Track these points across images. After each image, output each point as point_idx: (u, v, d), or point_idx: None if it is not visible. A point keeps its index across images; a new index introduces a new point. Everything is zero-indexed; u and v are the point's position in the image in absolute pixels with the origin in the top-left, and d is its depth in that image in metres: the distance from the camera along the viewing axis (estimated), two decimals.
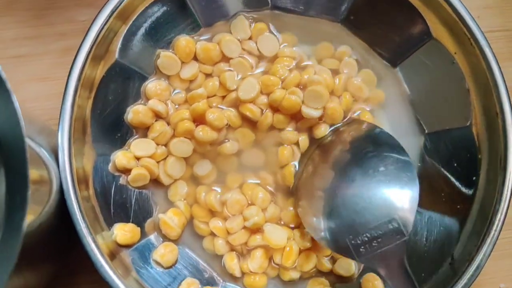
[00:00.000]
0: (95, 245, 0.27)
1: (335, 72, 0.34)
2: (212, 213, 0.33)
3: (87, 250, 0.27)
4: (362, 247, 0.28)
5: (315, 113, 0.32)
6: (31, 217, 0.26)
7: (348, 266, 0.32)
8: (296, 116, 0.33)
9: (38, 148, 0.28)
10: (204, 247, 0.33)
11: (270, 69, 0.33)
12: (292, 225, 0.33)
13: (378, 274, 0.32)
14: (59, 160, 0.28)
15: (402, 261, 0.28)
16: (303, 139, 0.33)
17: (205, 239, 0.33)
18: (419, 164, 0.34)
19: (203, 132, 0.32)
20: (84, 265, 0.32)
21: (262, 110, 0.33)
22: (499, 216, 0.30)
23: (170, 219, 0.32)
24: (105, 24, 0.30)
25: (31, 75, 0.36)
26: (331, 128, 0.33)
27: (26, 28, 0.36)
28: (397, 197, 0.29)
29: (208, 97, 0.33)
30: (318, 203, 0.30)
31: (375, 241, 0.28)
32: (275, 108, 0.33)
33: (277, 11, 0.34)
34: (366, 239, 0.28)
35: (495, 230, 0.29)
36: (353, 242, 0.28)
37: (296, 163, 0.33)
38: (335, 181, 0.31)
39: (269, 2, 0.34)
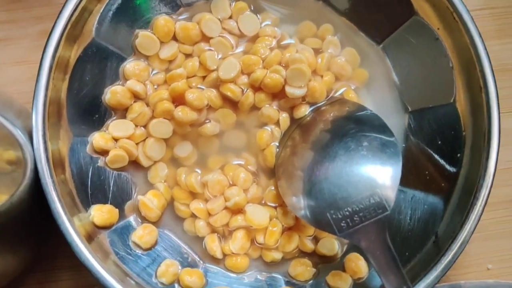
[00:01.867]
0: (71, 226, 0.27)
1: (317, 51, 0.34)
2: (193, 194, 0.32)
3: (62, 230, 0.27)
4: (343, 221, 0.28)
5: (299, 92, 0.32)
6: (4, 197, 0.26)
7: (331, 246, 0.32)
8: (278, 95, 0.33)
9: (15, 130, 0.28)
10: (184, 229, 0.32)
11: (251, 49, 0.33)
12: (275, 204, 0.32)
13: (361, 252, 0.32)
14: (33, 140, 0.28)
15: (384, 236, 0.27)
16: (284, 117, 0.33)
17: (185, 221, 0.32)
18: (403, 145, 0.34)
19: (182, 113, 0.31)
20: (63, 249, 0.32)
21: (243, 90, 0.32)
22: (484, 192, 0.29)
23: (150, 200, 0.31)
24: (79, 3, 0.29)
25: (8, 59, 0.35)
26: (312, 108, 0.33)
27: (3, 12, 0.36)
28: (379, 172, 0.29)
29: (188, 77, 0.32)
30: (299, 180, 0.30)
31: (356, 216, 0.28)
32: (256, 88, 0.32)
33: None
34: (347, 213, 0.28)
35: (480, 205, 0.29)
36: (334, 216, 0.28)
37: (277, 144, 0.33)
38: (317, 158, 0.30)
39: None
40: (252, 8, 0.34)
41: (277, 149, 0.32)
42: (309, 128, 0.32)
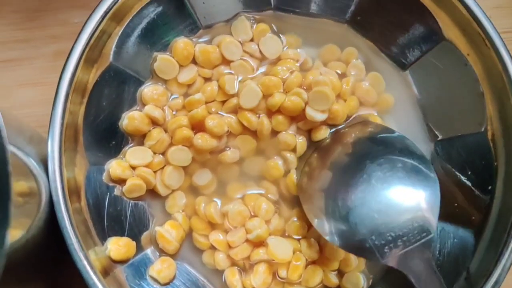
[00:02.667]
0: (87, 261, 0.26)
1: (341, 75, 0.33)
2: (212, 225, 0.31)
3: (78, 266, 0.26)
4: (386, 247, 0.26)
5: (320, 116, 0.30)
6: (19, 232, 0.25)
7: (357, 280, 0.31)
8: (296, 118, 0.32)
9: (27, 158, 0.27)
10: (203, 262, 0.31)
11: (271, 71, 0.32)
12: (298, 236, 0.31)
13: (388, 286, 0.30)
14: (49, 169, 0.26)
15: (429, 260, 0.26)
16: (301, 142, 0.31)
17: (204, 253, 0.31)
18: None
19: (202, 140, 0.30)
20: (76, 282, 0.31)
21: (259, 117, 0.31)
22: None
23: (168, 232, 0.30)
24: (98, 26, 0.28)
25: (21, 80, 0.34)
26: (332, 130, 0.32)
27: (16, 31, 0.35)
28: (418, 194, 0.27)
29: (206, 102, 0.31)
30: (331, 205, 0.29)
31: (399, 240, 0.26)
32: (273, 112, 0.31)
33: (280, 12, 0.33)
34: (390, 238, 0.26)
35: None
36: (376, 242, 0.26)
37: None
38: (349, 181, 0.29)
39: (272, 2, 0.33)
40: (275, 29, 0.33)
41: (296, 175, 0.31)
42: (331, 151, 0.31)
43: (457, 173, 0.31)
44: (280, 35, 0.33)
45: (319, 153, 0.31)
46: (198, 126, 0.31)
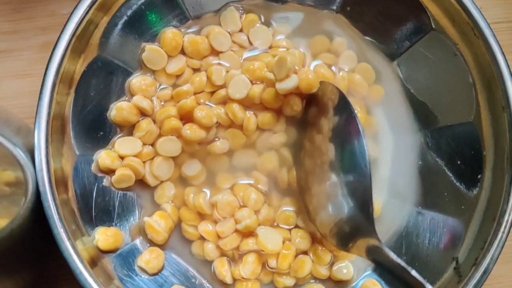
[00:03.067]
0: (74, 251, 0.25)
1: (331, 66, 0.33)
2: (201, 216, 0.31)
3: (65, 256, 0.25)
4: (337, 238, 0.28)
5: (287, 84, 0.29)
6: (5, 221, 0.25)
7: (347, 270, 0.31)
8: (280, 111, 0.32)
9: (14, 148, 0.27)
10: (192, 252, 0.31)
11: (256, 58, 0.32)
12: (288, 226, 0.31)
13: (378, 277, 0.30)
14: (35, 160, 0.26)
15: (379, 248, 0.26)
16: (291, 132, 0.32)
17: (194, 244, 0.31)
18: (420, 162, 0.33)
19: (190, 131, 0.30)
20: (64, 273, 0.31)
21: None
22: (507, 217, 0.28)
23: (156, 222, 0.30)
24: (85, 16, 0.28)
25: (10, 71, 0.34)
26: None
27: (4, 23, 0.35)
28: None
29: (195, 93, 0.31)
30: (319, 198, 0.29)
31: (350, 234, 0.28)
32: (259, 106, 0.31)
33: (269, 1, 0.33)
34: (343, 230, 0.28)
35: (503, 232, 0.28)
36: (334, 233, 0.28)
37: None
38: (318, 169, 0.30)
39: None
40: (263, 20, 0.33)
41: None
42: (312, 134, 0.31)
43: (447, 163, 0.32)
44: (270, 24, 0.33)
45: (306, 140, 0.31)
46: (186, 117, 0.31)
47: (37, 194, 0.26)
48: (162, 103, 0.31)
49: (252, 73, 0.31)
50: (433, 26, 0.31)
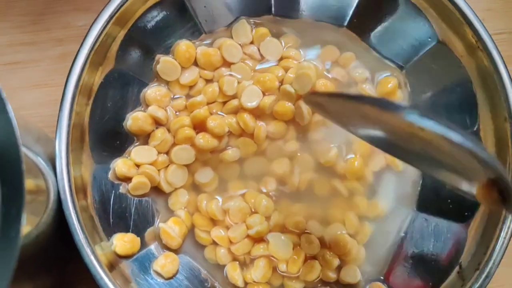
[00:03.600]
0: (94, 256, 0.27)
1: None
2: (214, 222, 0.32)
3: (85, 261, 0.26)
4: None
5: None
6: (28, 228, 0.26)
7: (354, 274, 0.32)
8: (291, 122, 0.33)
9: (35, 156, 0.28)
10: (206, 257, 0.32)
11: (267, 70, 0.33)
12: (297, 231, 0.32)
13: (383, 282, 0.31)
14: (56, 168, 0.27)
15: None
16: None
17: (206, 249, 0.32)
18: None
19: (203, 140, 0.31)
20: (82, 277, 0.32)
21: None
22: (509, 223, 0.29)
23: (171, 228, 0.31)
24: (103, 30, 0.29)
25: (27, 82, 0.35)
26: None
27: (22, 34, 0.36)
28: None
29: (208, 103, 0.32)
30: None
31: None
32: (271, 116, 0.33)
33: (279, 18, 0.34)
34: None
35: (505, 238, 0.29)
36: None
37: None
38: None
39: (272, 9, 0.33)
40: (274, 32, 0.34)
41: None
42: None
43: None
44: (280, 36, 0.34)
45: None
46: (200, 126, 0.32)
47: (58, 202, 0.27)
48: (176, 113, 0.32)
49: (264, 85, 0.32)
50: (439, 39, 0.32)
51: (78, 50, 0.29)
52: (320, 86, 0.32)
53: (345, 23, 0.34)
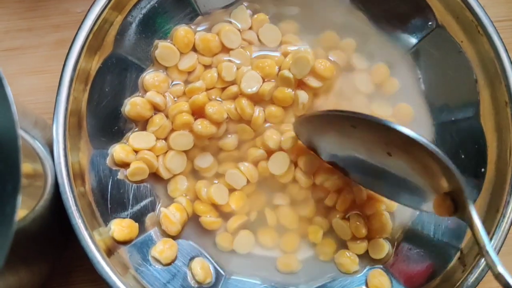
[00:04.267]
0: (92, 241, 0.26)
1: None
2: (216, 207, 0.32)
3: (83, 245, 0.26)
4: None
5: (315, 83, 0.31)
6: (25, 211, 0.25)
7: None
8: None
9: (33, 141, 0.28)
10: (217, 243, 0.32)
11: (267, 55, 0.33)
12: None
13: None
14: (54, 153, 0.27)
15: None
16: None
17: (218, 236, 0.32)
18: None
19: (202, 126, 0.31)
20: (80, 263, 0.32)
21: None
22: (510, 209, 0.29)
23: (172, 213, 0.30)
24: (100, 15, 0.29)
25: (25, 68, 0.35)
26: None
27: (19, 21, 0.36)
28: None
29: (207, 89, 0.32)
30: None
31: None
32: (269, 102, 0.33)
33: None
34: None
35: (506, 223, 0.28)
36: None
37: None
38: None
39: None
40: (271, 15, 0.33)
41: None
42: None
43: (451, 157, 0.32)
44: (278, 21, 0.33)
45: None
46: (198, 112, 0.32)
47: (56, 186, 0.27)
48: (175, 99, 0.32)
49: (263, 70, 0.32)
50: (438, 23, 0.32)
51: (75, 35, 0.28)
52: (319, 67, 0.32)
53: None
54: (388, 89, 0.34)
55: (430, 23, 0.32)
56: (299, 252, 0.32)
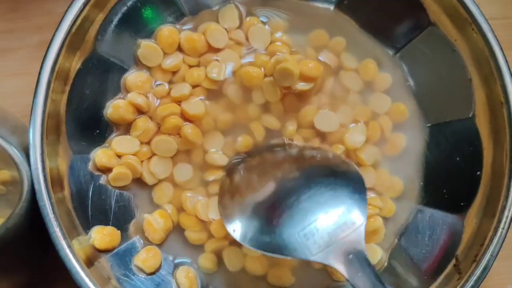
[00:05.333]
0: (70, 250, 0.25)
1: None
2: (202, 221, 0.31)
3: (61, 255, 0.25)
4: (314, 243, 0.25)
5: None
6: (0, 220, 0.24)
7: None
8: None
9: (9, 147, 0.27)
10: (199, 264, 0.30)
11: (257, 59, 0.32)
12: None
13: None
14: (30, 158, 0.26)
15: (364, 252, 0.24)
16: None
17: (201, 257, 0.30)
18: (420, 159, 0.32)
19: (192, 131, 0.30)
20: (60, 273, 0.30)
21: None
22: (507, 213, 0.27)
23: (155, 220, 0.29)
24: (80, 12, 0.28)
25: (6, 70, 0.34)
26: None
27: (0, 22, 0.34)
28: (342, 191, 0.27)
29: (192, 87, 0.31)
30: (258, 204, 0.27)
31: (327, 234, 0.25)
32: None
33: None
34: (316, 230, 0.25)
35: (503, 228, 0.27)
36: (303, 239, 0.25)
37: None
38: (280, 187, 0.28)
39: None
40: (262, 14, 0.33)
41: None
42: (279, 159, 0.30)
43: (446, 159, 0.31)
44: (266, 20, 0.33)
45: (267, 155, 0.31)
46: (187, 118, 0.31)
47: (33, 193, 0.26)
48: (157, 102, 0.31)
49: (250, 81, 0.31)
50: (431, 21, 0.31)
51: (54, 34, 0.27)
52: (305, 69, 0.30)
53: (335, 2, 0.33)
54: (380, 85, 0.33)
55: (422, 21, 0.31)
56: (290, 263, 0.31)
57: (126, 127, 0.31)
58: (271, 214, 0.26)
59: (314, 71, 0.31)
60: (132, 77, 0.30)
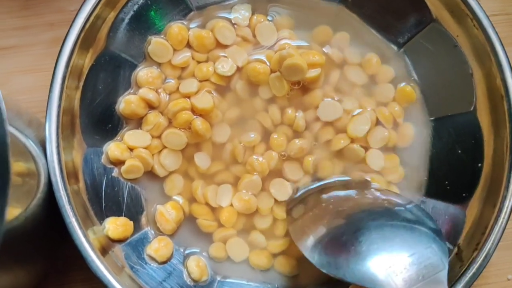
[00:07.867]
0: (86, 239, 0.26)
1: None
2: (213, 208, 0.31)
3: (77, 244, 0.26)
4: (402, 277, 0.25)
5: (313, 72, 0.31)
6: (18, 210, 0.25)
7: None
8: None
9: (26, 140, 0.27)
10: (210, 254, 0.31)
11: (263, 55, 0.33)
12: None
13: None
14: (47, 152, 0.27)
15: None
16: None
17: (211, 246, 0.31)
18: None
19: (202, 125, 0.31)
20: (75, 263, 0.31)
21: None
22: (507, 203, 0.28)
23: (167, 211, 0.30)
24: (93, 11, 0.29)
25: (19, 66, 0.35)
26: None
27: (13, 19, 0.35)
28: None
29: (200, 81, 0.32)
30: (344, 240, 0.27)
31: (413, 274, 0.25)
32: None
33: None
34: (406, 268, 0.25)
35: (503, 218, 0.28)
36: (392, 275, 0.25)
37: None
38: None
39: None
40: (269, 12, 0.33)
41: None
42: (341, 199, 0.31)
43: (448, 152, 0.32)
44: (272, 16, 0.33)
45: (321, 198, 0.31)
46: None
47: (49, 185, 0.27)
48: (166, 98, 0.32)
49: (257, 77, 0.32)
50: (434, 18, 0.32)
51: (68, 32, 0.28)
52: (313, 57, 0.31)
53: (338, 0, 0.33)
54: (384, 78, 0.33)
55: (425, 17, 0.32)
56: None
57: (137, 121, 0.31)
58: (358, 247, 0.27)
59: (318, 58, 0.31)
60: (143, 73, 0.31)
